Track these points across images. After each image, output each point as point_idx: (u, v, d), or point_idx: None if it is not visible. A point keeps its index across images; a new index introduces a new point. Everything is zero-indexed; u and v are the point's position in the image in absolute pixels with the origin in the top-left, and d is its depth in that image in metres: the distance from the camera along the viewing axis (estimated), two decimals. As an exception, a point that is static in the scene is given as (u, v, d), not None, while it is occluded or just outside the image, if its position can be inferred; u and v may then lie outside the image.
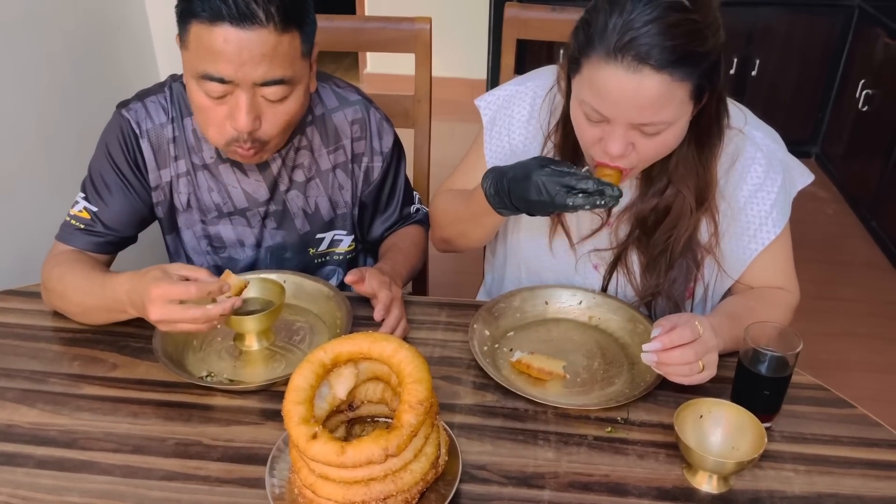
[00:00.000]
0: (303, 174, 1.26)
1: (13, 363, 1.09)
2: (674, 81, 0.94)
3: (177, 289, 0.97)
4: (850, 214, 3.14)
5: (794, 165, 1.18)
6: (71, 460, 0.93)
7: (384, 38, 1.53)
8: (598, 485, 0.90)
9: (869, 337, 2.43)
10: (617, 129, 0.99)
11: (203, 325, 0.99)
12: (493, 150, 1.25)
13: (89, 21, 1.87)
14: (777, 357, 0.96)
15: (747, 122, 1.13)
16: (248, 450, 0.95)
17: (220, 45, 0.99)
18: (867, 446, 0.97)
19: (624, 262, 1.20)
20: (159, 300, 0.97)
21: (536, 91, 1.22)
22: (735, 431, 0.92)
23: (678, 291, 1.17)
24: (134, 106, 1.20)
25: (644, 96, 0.94)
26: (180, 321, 0.98)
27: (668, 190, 1.11)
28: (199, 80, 1.03)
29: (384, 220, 1.37)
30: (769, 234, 1.15)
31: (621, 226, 1.18)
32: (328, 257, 1.36)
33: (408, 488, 0.83)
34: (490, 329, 1.15)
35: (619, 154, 1.00)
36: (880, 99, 2.94)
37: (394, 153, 1.32)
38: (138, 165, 1.20)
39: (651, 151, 1.02)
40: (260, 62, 1.01)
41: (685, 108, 0.99)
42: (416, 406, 0.81)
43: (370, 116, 1.28)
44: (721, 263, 1.16)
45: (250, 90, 1.03)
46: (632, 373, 1.09)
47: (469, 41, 3.89)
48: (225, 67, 1.00)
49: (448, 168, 1.36)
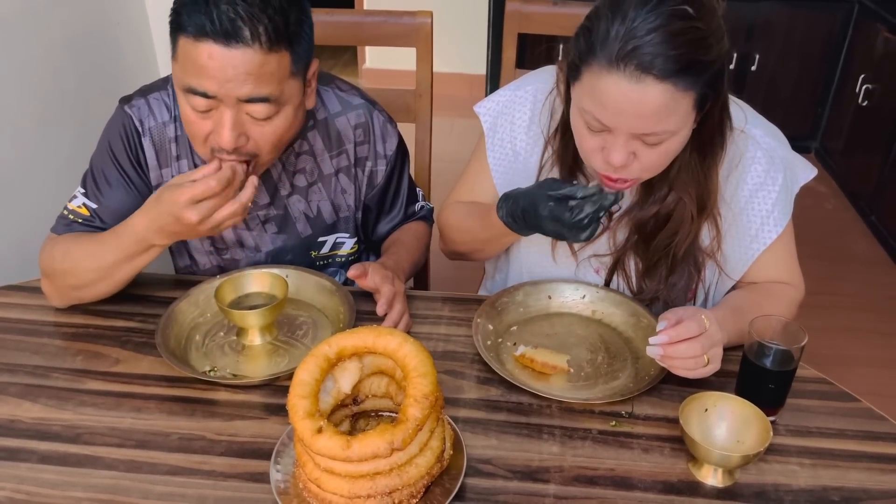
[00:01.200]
0: (305, 179, 1.25)
1: (16, 358, 1.09)
2: (677, 91, 0.92)
3: (198, 188, 0.97)
4: (849, 209, 3.14)
5: (796, 161, 1.17)
6: (74, 455, 0.93)
7: (385, 33, 1.52)
8: (604, 479, 0.90)
9: (869, 332, 2.44)
10: (619, 139, 0.97)
11: (242, 212, 1.01)
12: (497, 158, 1.24)
13: (88, 16, 1.87)
14: (782, 351, 0.96)
15: (747, 121, 1.12)
16: (252, 444, 0.95)
17: (204, 60, 0.98)
18: (872, 440, 0.97)
19: (623, 266, 1.19)
20: (190, 204, 0.98)
21: (536, 95, 1.20)
22: (740, 425, 0.92)
23: (678, 296, 1.17)
24: (137, 102, 1.19)
25: (647, 106, 0.92)
26: (221, 214, 0.99)
27: (669, 197, 1.10)
28: (185, 93, 1.02)
29: (388, 220, 1.37)
30: (770, 233, 1.14)
31: (620, 231, 1.17)
32: (330, 259, 1.35)
33: (413, 482, 0.82)
34: (493, 323, 1.15)
35: (621, 164, 0.98)
36: (880, 94, 2.94)
37: (398, 156, 1.31)
38: (140, 163, 1.20)
39: (654, 161, 1.00)
40: (244, 80, 0.99)
41: (689, 117, 0.97)
42: (421, 400, 0.81)
43: (373, 120, 1.27)
44: (723, 266, 1.16)
45: (234, 106, 1.01)
46: (636, 367, 1.08)
47: (468, 36, 3.89)
48: (208, 83, 0.99)
49: (448, 163, 1.36)
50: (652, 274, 1.16)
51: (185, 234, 1.03)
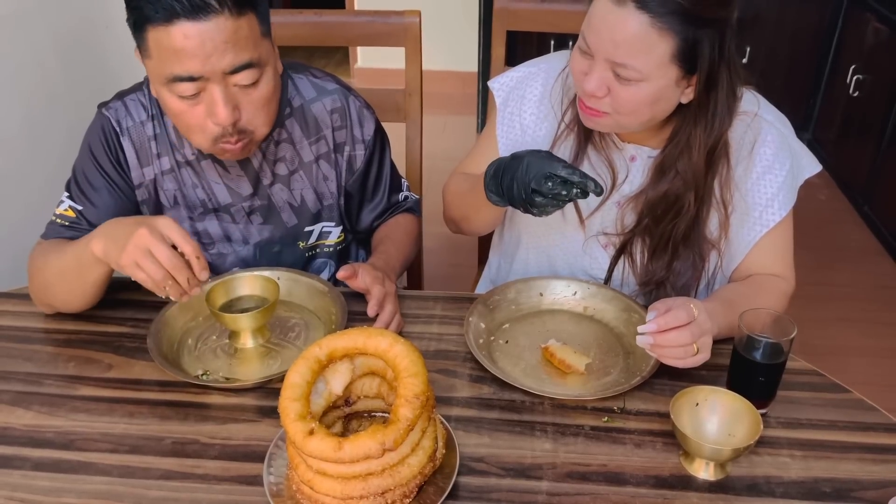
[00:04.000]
0: (285, 167, 1.26)
1: (8, 365, 1.09)
2: (653, 28, 0.96)
3: (163, 252, 0.96)
4: (842, 200, 3.15)
5: (802, 154, 1.19)
6: (68, 461, 0.93)
7: (374, 32, 1.52)
8: (596, 474, 0.91)
9: (863, 322, 2.44)
10: (597, 65, 1.02)
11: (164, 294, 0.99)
12: (505, 130, 1.27)
13: (76, 21, 1.86)
14: (772, 343, 0.96)
15: (760, 108, 1.15)
16: (245, 447, 0.95)
17: (180, 42, 0.98)
18: (863, 430, 0.97)
19: (629, 249, 1.20)
20: (139, 248, 0.96)
21: (549, 72, 1.24)
22: (731, 418, 0.92)
23: (683, 284, 1.18)
24: (114, 105, 1.20)
25: (621, 32, 0.97)
26: (150, 278, 0.97)
27: (677, 179, 1.12)
28: (168, 85, 1.03)
29: (372, 208, 1.36)
30: (773, 216, 1.15)
31: (629, 213, 1.19)
32: (318, 250, 1.35)
33: (406, 482, 0.83)
34: (485, 322, 1.15)
35: (592, 91, 1.03)
36: (871, 84, 2.95)
37: (376, 140, 1.31)
38: (120, 163, 1.21)
39: (623, 100, 1.03)
40: (224, 50, 1.00)
41: (665, 69, 1.00)
42: (412, 400, 0.81)
43: (349, 104, 1.28)
44: (724, 249, 1.17)
45: (222, 81, 1.03)
46: (628, 362, 1.09)
47: (459, 34, 3.88)
48: (191, 64, 1.00)
49: (441, 161, 1.36)
50: (658, 257, 1.17)
51: (120, 243, 0.98)
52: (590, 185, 0.99)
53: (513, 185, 1.03)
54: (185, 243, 0.98)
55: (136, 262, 0.97)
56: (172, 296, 0.99)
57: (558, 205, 1.02)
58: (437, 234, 1.82)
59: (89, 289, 1.12)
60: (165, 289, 0.98)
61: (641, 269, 1.20)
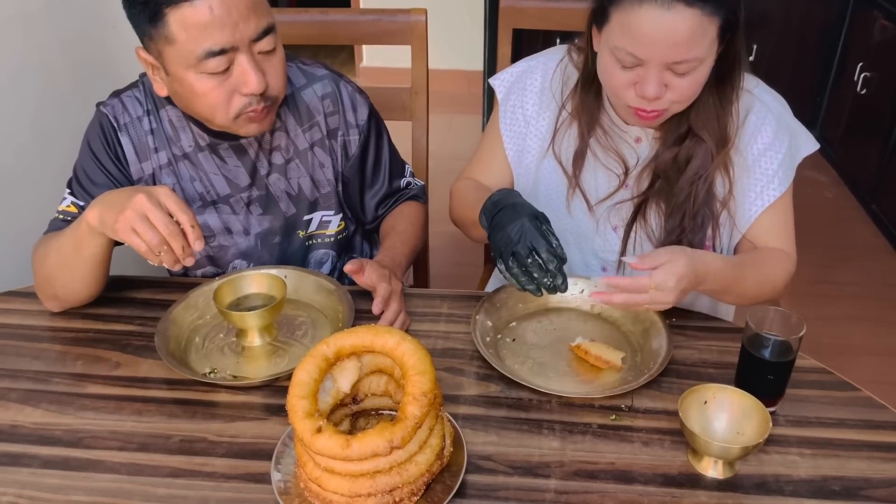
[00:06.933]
0: (281, 156, 1.26)
1: (16, 364, 1.09)
2: (704, 16, 0.98)
3: (160, 218, 0.97)
4: (849, 198, 3.14)
5: (800, 131, 1.21)
6: (76, 459, 0.93)
7: (380, 31, 1.52)
8: (604, 473, 0.90)
9: (871, 321, 2.43)
10: (651, 71, 1.02)
11: (157, 260, 1.00)
12: (508, 123, 1.28)
13: (84, 20, 1.87)
14: (781, 341, 0.96)
15: (757, 86, 1.18)
16: (252, 445, 0.95)
17: (208, 15, 1.01)
18: (872, 429, 0.97)
19: (643, 215, 1.21)
20: (136, 213, 0.97)
21: (547, 64, 1.26)
22: (740, 416, 0.92)
23: (698, 242, 1.19)
24: (111, 102, 1.22)
25: (678, 33, 0.98)
26: (145, 242, 0.98)
27: (687, 139, 1.14)
28: (198, 66, 1.04)
29: (373, 194, 1.36)
30: (774, 192, 1.18)
31: (642, 181, 1.20)
32: (318, 239, 1.35)
33: (413, 480, 0.83)
34: (492, 320, 1.15)
35: (655, 95, 1.04)
36: (878, 82, 2.93)
37: (370, 125, 1.31)
38: (120, 159, 1.22)
39: (684, 90, 1.05)
40: (249, 16, 1.04)
41: (713, 45, 1.03)
42: (420, 398, 0.81)
43: (341, 89, 1.28)
44: (727, 226, 1.19)
45: (248, 50, 1.06)
46: (635, 360, 1.08)
47: (465, 32, 3.88)
48: (221, 35, 1.02)
49: (448, 160, 1.36)
50: (676, 216, 1.18)
51: (116, 209, 1.00)
52: (559, 284, 1.00)
53: (499, 233, 1.02)
54: (181, 212, 0.99)
55: (133, 227, 0.98)
56: (166, 263, 1.00)
57: (522, 281, 1.01)
58: (443, 234, 1.82)
59: (88, 269, 1.12)
60: (160, 254, 0.99)
61: (659, 230, 1.21)
